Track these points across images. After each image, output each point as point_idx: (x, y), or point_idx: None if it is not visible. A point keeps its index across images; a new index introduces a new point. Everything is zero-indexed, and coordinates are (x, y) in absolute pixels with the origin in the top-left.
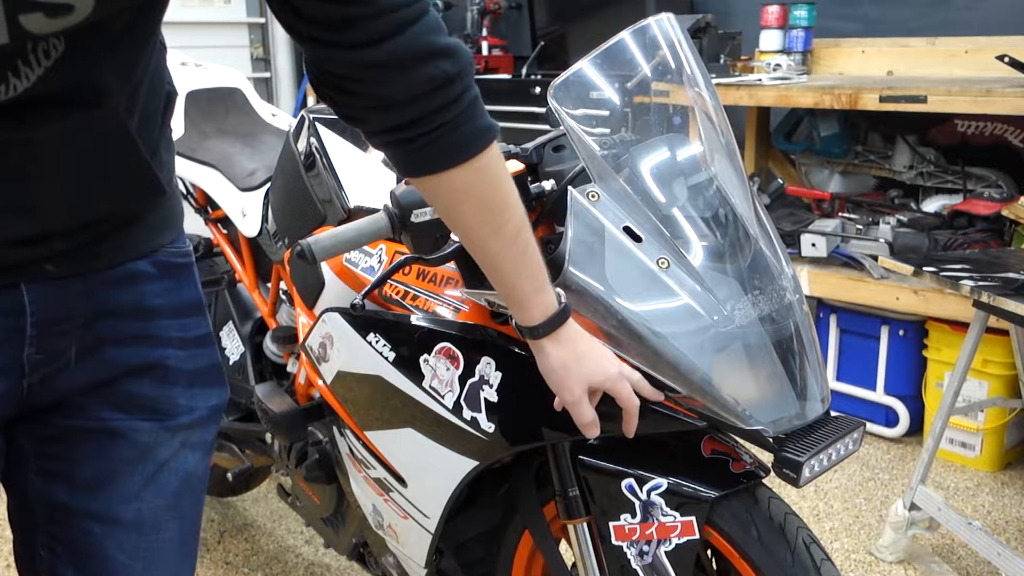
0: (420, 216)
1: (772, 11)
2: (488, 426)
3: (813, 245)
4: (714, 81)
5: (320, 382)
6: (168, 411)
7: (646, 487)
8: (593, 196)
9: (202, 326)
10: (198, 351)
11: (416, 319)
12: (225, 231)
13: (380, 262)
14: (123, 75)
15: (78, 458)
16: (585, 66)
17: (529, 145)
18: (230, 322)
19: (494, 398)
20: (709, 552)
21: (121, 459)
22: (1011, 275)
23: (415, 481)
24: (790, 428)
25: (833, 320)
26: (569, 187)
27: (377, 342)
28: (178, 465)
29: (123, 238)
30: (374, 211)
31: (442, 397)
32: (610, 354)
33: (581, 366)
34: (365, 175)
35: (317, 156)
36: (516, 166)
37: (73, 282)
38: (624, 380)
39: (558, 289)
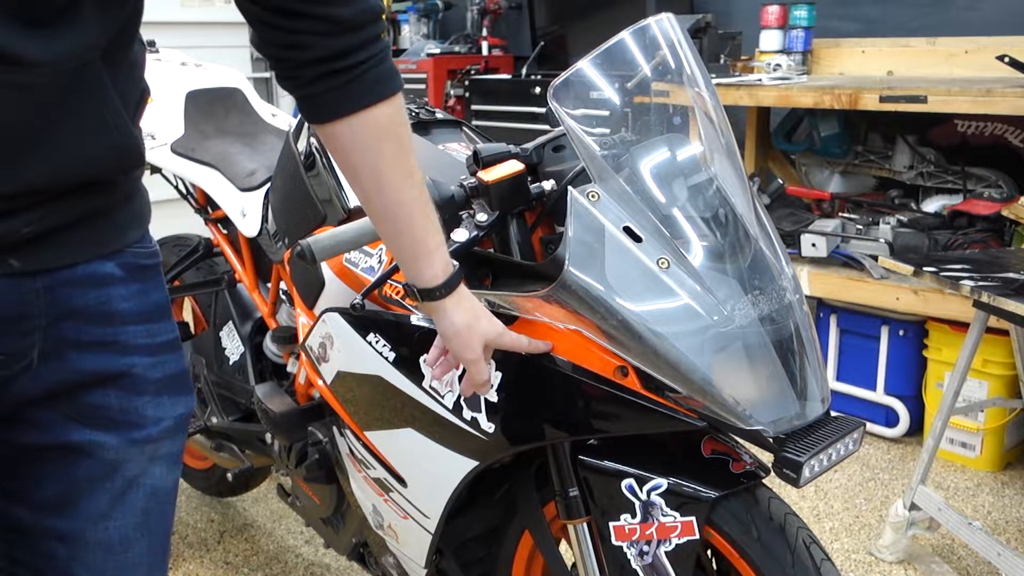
0: None
1: (772, 11)
2: (488, 426)
3: (813, 245)
4: (714, 81)
5: (320, 382)
6: (135, 423)
7: (646, 487)
8: (593, 196)
9: (169, 330)
10: (166, 357)
11: (416, 319)
12: (225, 231)
13: (380, 262)
14: (103, 14)
15: (40, 477)
16: (585, 66)
17: (529, 145)
18: (230, 322)
19: (494, 398)
20: (709, 552)
21: (86, 478)
22: (1011, 275)
23: (415, 481)
24: (790, 428)
25: (833, 320)
26: (569, 187)
27: (377, 342)
28: (147, 480)
29: (88, 232)
30: None
31: (442, 397)
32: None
33: (480, 324)
34: None
35: (317, 156)
36: (516, 166)
37: (37, 279)
38: (509, 333)
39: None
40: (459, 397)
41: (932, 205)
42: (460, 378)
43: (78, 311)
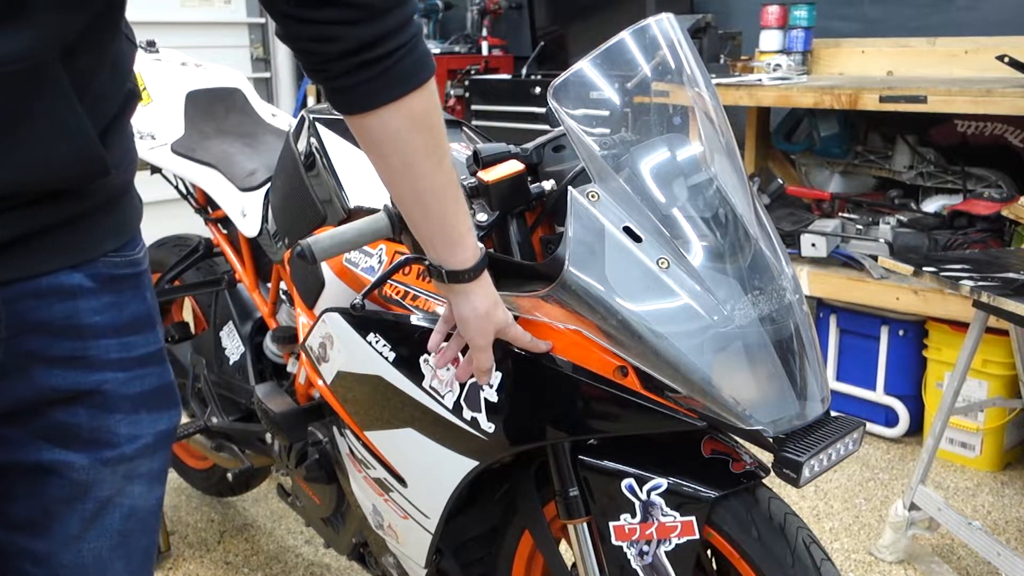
0: None
1: (772, 11)
2: (488, 426)
3: (813, 245)
4: (714, 81)
5: (320, 382)
6: (107, 442)
7: (646, 487)
8: (593, 196)
9: (150, 343)
10: (144, 371)
11: (416, 319)
12: (225, 231)
13: (380, 262)
14: (61, 11)
15: (10, 495)
16: (585, 66)
17: (529, 145)
18: (230, 322)
19: (494, 398)
20: (709, 552)
21: (57, 499)
22: (1011, 275)
23: (415, 481)
24: (790, 428)
25: (833, 320)
26: (569, 187)
27: (377, 342)
28: (122, 501)
29: (53, 242)
30: (374, 211)
31: (442, 397)
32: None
33: (497, 312)
34: (365, 175)
35: (317, 156)
36: (516, 166)
37: (8, 290)
38: (516, 326)
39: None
40: (459, 397)
41: (932, 205)
42: (460, 390)
43: (43, 325)
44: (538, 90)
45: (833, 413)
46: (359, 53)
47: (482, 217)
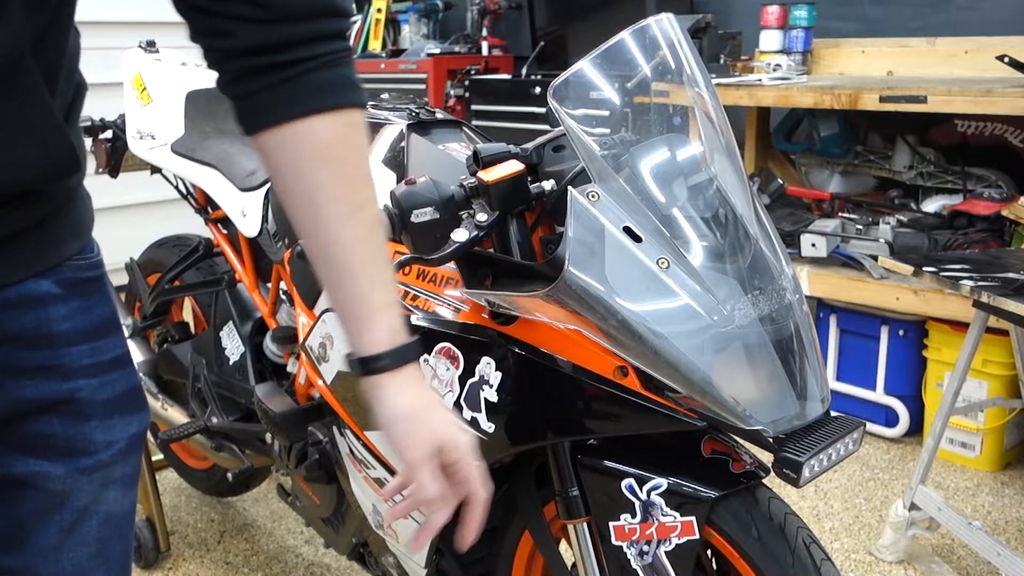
0: (420, 216)
1: (772, 11)
2: (488, 426)
3: (813, 245)
4: (714, 81)
5: (320, 382)
6: (83, 450)
7: (646, 487)
8: (593, 196)
9: (118, 345)
10: (114, 376)
11: (416, 319)
12: (225, 231)
13: None
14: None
15: None
16: (585, 66)
17: (529, 145)
18: (230, 322)
19: (494, 398)
20: (709, 552)
21: (34, 512)
22: (1011, 275)
23: None
24: (790, 428)
25: (833, 320)
26: (569, 187)
27: None
28: (99, 508)
29: (21, 248)
30: None
31: (442, 397)
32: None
33: (433, 417)
34: None
35: None
36: (516, 166)
37: None
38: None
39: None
40: (459, 397)
41: (932, 205)
42: (460, 378)
43: (13, 336)
44: (538, 90)
45: (833, 413)
46: (259, 55)
47: (482, 217)
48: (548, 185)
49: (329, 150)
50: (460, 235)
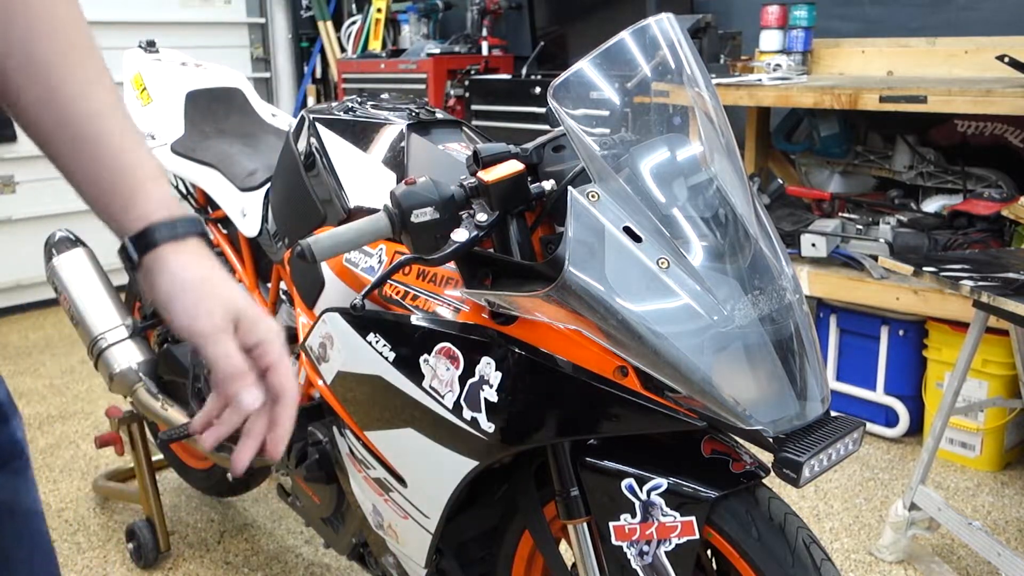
0: (420, 216)
1: (772, 11)
2: (488, 426)
3: (813, 245)
4: (714, 81)
5: (320, 382)
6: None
7: (646, 487)
8: (593, 196)
9: None
10: None
11: (416, 319)
12: (225, 231)
13: (380, 262)
14: None
15: None
16: (585, 66)
17: (529, 145)
18: None
19: (494, 398)
20: (709, 552)
21: None
22: (1011, 275)
23: (415, 481)
24: (790, 428)
25: (833, 320)
26: (569, 187)
27: (377, 342)
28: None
29: None
30: (374, 211)
31: (442, 397)
32: None
33: (227, 287)
34: (365, 175)
35: (317, 156)
36: (516, 166)
37: None
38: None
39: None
40: (459, 397)
41: (932, 205)
42: (460, 378)
43: None
44: (538, 90)
45: (833, 413)
46: None
47: (482, 217)
48: (548, 185)
49: (50, 23)
50: (460, 235)
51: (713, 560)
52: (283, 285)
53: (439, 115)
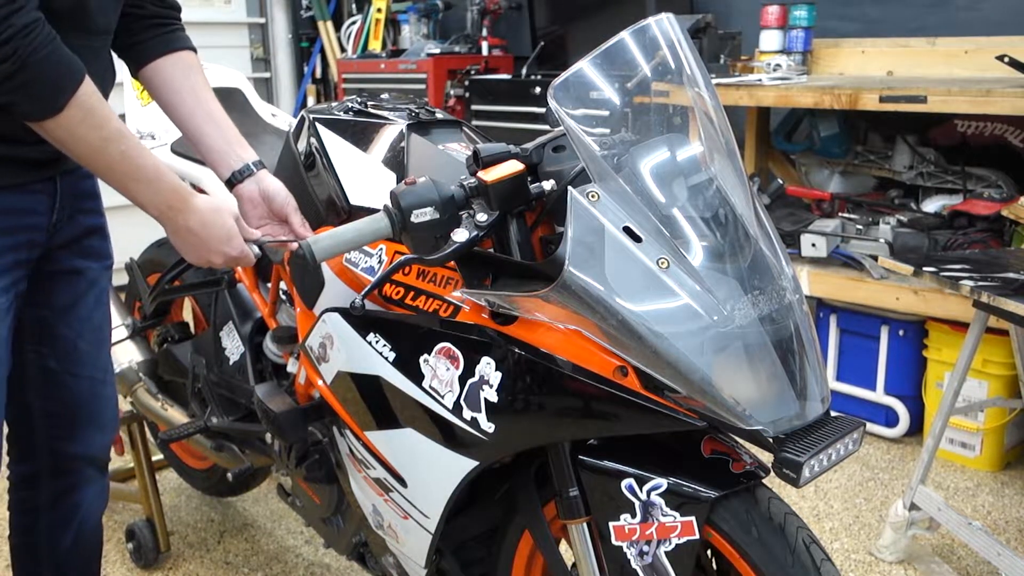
0: (420, 216)
1: (772, 11)
2: (488, 426)
3: (813, 245)
4: (714, 81)
5: (320, 382)
6: (107, 255)
7: (646, 487)
8: (593, 196)
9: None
10: (105, 218)
11: (416, 319)
12: None
13: (380, 262)
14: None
15: (55, 290)
16: (585, 66)
17: (529, 145)
18: (230, 322)
19: (494, 398)
20: (709, 552)
21: (81, 291)
22: (1011, 275)
23: (415, 481)
24: (790, 428)
25: (833, 320)
26: (569, 187)
27: (377, 342)
28: (104, 291)
29: None
30: (374, 211)
31: (442, 397)
32: None
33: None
34: (365, 175)
35: (317, 156)
36: (516, 166)
37: (68, 177)
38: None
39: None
40: (459, 397)
41: (932, 205)
42: (460, 379)
43: (81, 193)
44: (538, 90)
45: (833, 413)
46: (154, 18)
47: (482, 217)
48: (548, 185)
49: (194, 66)
50: (460, 235)
51: (713, 560)
52: (283, 285)
53: (439, 115)
